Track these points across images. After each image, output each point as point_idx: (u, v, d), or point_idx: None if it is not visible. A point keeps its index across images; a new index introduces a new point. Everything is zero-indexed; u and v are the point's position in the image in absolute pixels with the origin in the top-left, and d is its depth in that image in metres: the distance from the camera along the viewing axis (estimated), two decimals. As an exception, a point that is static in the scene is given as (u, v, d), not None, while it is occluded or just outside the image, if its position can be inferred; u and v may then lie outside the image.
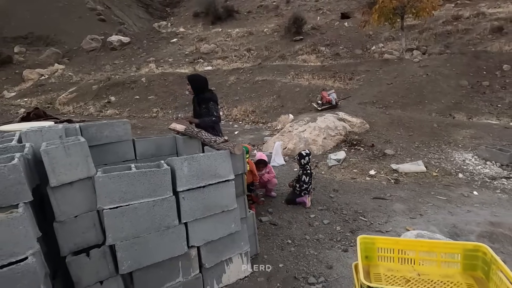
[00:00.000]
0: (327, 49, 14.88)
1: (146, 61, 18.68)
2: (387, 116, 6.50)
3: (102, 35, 23.26)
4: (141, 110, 13.34)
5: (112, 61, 20.35)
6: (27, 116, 3.07)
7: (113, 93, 15.35)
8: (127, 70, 18.41)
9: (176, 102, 13.29)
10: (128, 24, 28.78)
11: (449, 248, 1.49)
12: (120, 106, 14.05)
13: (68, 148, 1.50)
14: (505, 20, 12.78)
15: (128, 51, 21.57)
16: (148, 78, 15.81)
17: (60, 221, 1.52)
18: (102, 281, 1.63)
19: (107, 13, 29.08)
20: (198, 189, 1.86)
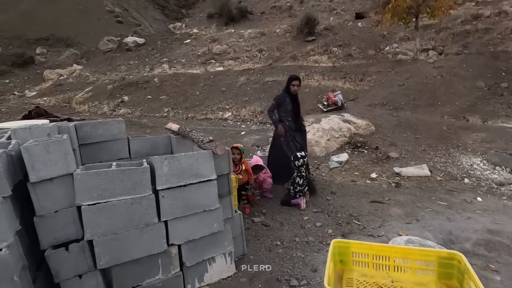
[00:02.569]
0: (339, 49, 14.67)
1: (160, 62, 19.05)
2: (394, 118, 6.34)
3: (118, 37, 23.93)
4: (153, 110, 13.61)
5: (127, 61, 20.89)
6: (28, 114, 3.21)
7: (127, 93, 15.76)
8: (141, 70, 18.84)
9: (187, 102, 13.48)
10: (144, 25, 29.45)
11: (424, 255, 1.44)
12: (133, 106, 14.40)
13: (48, 145, 1.56)
14: (529, 19, 12.22)
15: (142, 52, 22.08)
16: (160, 78, 16.12)
17: (40, 215, 1.58)
18: (81, 275, 1.68)
19: (124, 15, 29.87)
20: (178, 188, 1.88)
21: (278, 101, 3.66)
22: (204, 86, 14.35)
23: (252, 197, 3.52)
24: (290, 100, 3.59)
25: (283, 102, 3.63)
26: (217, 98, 12.95)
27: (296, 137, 3.61)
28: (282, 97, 3.65)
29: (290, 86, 3.59)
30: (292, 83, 3.57)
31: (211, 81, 14.56)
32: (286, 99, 3.60)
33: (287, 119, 3.62)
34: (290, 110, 3.60)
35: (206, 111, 12.30)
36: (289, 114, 3.62)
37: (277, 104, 3.69)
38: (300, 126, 3.75)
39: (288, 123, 3.62)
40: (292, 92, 3.57)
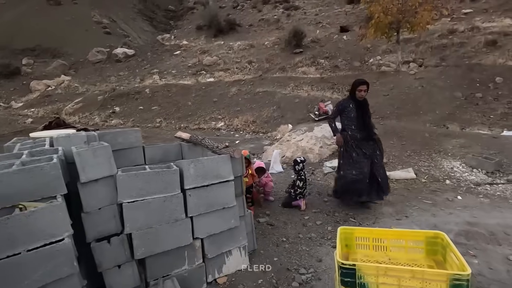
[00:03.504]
0: (326, 61, 15.30)
1: (150, 73, 19.21)
2: (381, 126, 6.79)
3: (107, 48, 23.96)
4: (145, 120, 13.72)
5: (117, 72, 20.94)
6: (49, 125, 3.39)
7: (118, 104, 15.81)
8: (131, 81, 18.93)
9: (179, 113, 13.68)
10: (132, 36, 29.54)
11: (414, 236, 1.76)
12: (125, 116, 14.46)
13: (95, 150, 1.80)
14: (499, 34, 13.18)
15: (132, 63, 22.19)
16: (152, 89, 16.28)
17: (87, 212, 1.81)
18: (120, 265, 1.90)
19: (112, 26, 29.90)
20: (202, 187, 2.14)
21: (338, 108, 3.44)
22: (196, 97, 14.61)
23: (257, 194, 3.77)
24: (354, 106, 3.31)
25: (345, 109, 3.36)
26: (209, 108, 13.22)
27: (362, 147, 3.30)
28: (344, 103, 3.39)
29: (356, 91, 3.29)
30: (358, 88, 3.26)
31: (203, 92, 14.85)
32: (350, 105, 3.33)
33: (350, 127, 3.36)
34: (354, 117, 3.31)
35: (199, 121, 12.53)
36: (353, 121, 3.33)
37: (337, 111, 3.46)
38: (369, 135, 3.35)
39: (351, 131, 3.35)
40: (358, 98, 3.29)
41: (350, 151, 3.37)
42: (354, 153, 3.35)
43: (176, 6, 36.45)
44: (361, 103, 3.35)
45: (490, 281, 2.17)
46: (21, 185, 1.52)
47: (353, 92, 3.35)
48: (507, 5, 16.77)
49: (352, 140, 3.38)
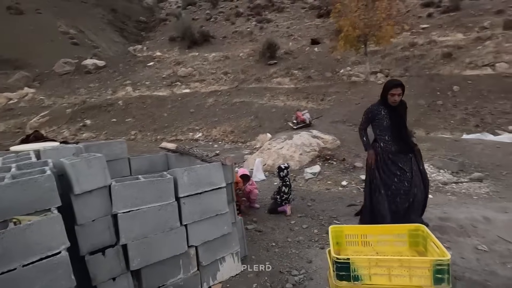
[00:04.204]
0: (300, 72, 15.85)
1: (123, 84, 18.74)
2: (356, 133, 7.13)
3: (76, 59, 23.08)
4: (119, 133, 13.30)
5: (87, 84, 20.18)
6: (26, 138, 3.23)
7: (89, 117, 15.22)
8: (102, 93, 18.34)
9: (155, 124, 13.44)
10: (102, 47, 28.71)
11: (397, 230, 1.92)
12: (97, 129, 13.94)
13: (89, 161, 1.79)
14: (453, 47, 14.46)
15: (103, 74, 21.52)
16: (125, 101, 15.88)
17: (81, 224, 1.77)
18: (115, 277, 1.87)
19: (80, 36, 28.89)
20: (196, 195, 2.18)
21: (367, 115, 2.92)
22: (172, 108, 14.46)
23: (239, 198, 3.81)
24: (387, 113, 2.78)
25: (375, 116, 2.85)
26: (186, 119, 13.13)
27: (398, 162, 2.78)
28: (374, 109, 2.87)
29: (389, 95, 2.73)
30: (391, 92, 2.71)
31: (179, 103, 14.74)
32: (380, 112, 2.81)
33: (383, 139, 2.85)
34: (387, 126, 2.79)
35: (176, 132, 12.39)
36: (386, 132, 2.82)
37: (367, 119, 2.94)
38: (406, 147, 2.81)
39: (384, 143, 2.84)
40: (391, 103, 2.74)
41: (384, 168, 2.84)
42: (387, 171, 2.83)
43: (148, 17, 36.04)
44: (395, 108, 2.77)
45: (464, 269, 2.37)
46: (15, 198, 1.48)
47: (385, 96, 2.77)
48: (458, 22, 18.48)
49: (385, 154, 2.85)
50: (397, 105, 2.77)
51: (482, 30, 16.40)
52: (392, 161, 2.83)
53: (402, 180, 2.81)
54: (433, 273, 1.50)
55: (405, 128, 2.86)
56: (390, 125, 2.81)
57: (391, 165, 2.83)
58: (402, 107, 2.86)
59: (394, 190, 2.83)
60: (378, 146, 2.93)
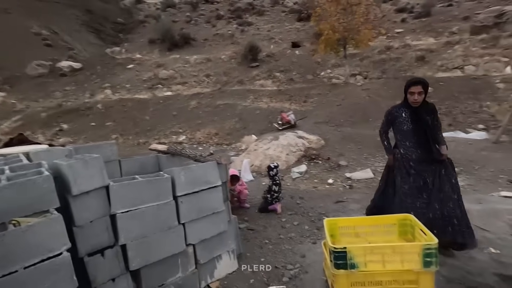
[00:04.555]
0: (282, 74, 16.08)
1: (101, 87, 18.23)
2: (339, 133, 7.38)
3: (50, 61, 22.18)
4: (99, 137, 12.91)
5: (62, 87, 19.44)
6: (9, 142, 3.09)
7: (66, 121, 14.68)
8: (80, 96, 17.74)
9: (137, 128, 13.17)
10: (78, 49, 27.72)
11: (387, 220, 2.04)
12: (75, 134, 13.46)
13: (87, 162, 1.77)
14: (426, 51, 15.22)
15: (80, 77, 20.81)
16: (104, 104, 15.45)
17: (79, 225, 1.75)
18: (114, 278, 1.85)
19: (54, 38, 27.77)
20: (193, 194, 2.20)
21: (387, 118, 2.64)
22: (154, 111, 14.22)
23: (232, 198, 3.84)
24: (408, 116, 2.47)
25: (395, 119, 2.54)
26: (169, 122, 12.96)
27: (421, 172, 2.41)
28: (394, 111, 2.57)
29: (408, 94, 2.46)
30: (410, 90, 2.43)
31: (161, 106, 14.52)
32: (402, 114, 2.50)
33: (404, 144, 2.51)
34: (408, 131, 2.47)
35: (158, 135, 12.19)
36: (407, 137, 2.48)
37: (386, 122, 2.67)
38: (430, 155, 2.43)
39: (404, 150, 2.50)
40: (411, 103, 2.43)
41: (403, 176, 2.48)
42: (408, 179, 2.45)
43: (126, 19, 35.20)
44: (418, 110, 2.45)
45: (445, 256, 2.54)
46: (13, 200, 1.45)
47: (405, 96, 2.50)
48: (430, 27, 19.50)
49: (405, 162, 2.49)
50: (419, 106, 2.43)
51: (451, 35, 17.40)
52: (414, 170, 2.44)
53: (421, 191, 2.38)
54: (423, 256, 1.62)
55: (432, 133, 2.44)
56: (411, 129, 2.45)
57: (413, 175, 2.43)
58: (427, 109, 2.48)
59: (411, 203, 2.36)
60: (398, 152, 2.58)
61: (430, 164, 2.41)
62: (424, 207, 2.28)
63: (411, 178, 2.43)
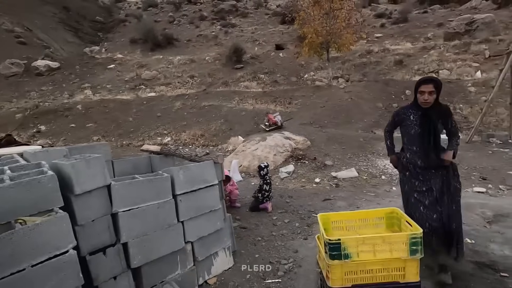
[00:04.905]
0: (266, 76, 16.26)
1: (81, 88, 17.69)
2: (324, 134, 7.60)
3: (24, 59, 21.26)
4: (79, 139, 12.52)
5: (38, 87, 18.70)
6: None
7: (43, 122, 14.15)
8: (58, 97, 17.13)
9: (120, 129, 12.88)
10: (54, 48, 26.68)
11: (376, 213, 2.19)
12: (53, 135, 12.98)
13: (89, 162, 1.79)
14: (404, 55, 15.89)
15: (57, 76, 20.09)
16: (84, 105, 15.00)
17: (81, 224, 1.76)
18: (116, 276, 1.88)
19: (28, 35, 26.60)
20: (191, 192, 2.25)
21: (394, 119, 2.46)
22: (137, 112, 13.96)
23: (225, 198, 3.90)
24: (417, 118, 2.26)
25: (403, 121, 2.34)
26: (154, 123, 12.77)
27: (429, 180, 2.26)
28: (402, 112, 2.37)
29: (418, 94, 2.24)
30: (420, 89, 2.23)
31: (145, 107, 14.27)
32: (409, 116, 2.29)
33: (411, 149, 2.32)
34: (415, 135, 2.27)
35: (142, 137, 11.99)
36: (415, 141, 2.29)
37: (392, 122, 2.50)
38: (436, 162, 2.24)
39: (410, 155, 2.32)
40: (421, 104, 2.22)
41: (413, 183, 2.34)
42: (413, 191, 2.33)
43: (105, 17, 34.26)
44: (428, 113, 2.22)
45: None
46: (18, 199, 1.45)
47: (416, 96, 2.29)
48: (407, 32, 20.36)
49: (411, 168, 2.34)
50: (430, 108, 2.20)
51: (427, 41, 18.26)
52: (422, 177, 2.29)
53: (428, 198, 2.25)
54: (409, 245, 1.77)
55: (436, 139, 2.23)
56: (419, 134, 2.25)
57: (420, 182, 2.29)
58: (440, 112, 2.24)
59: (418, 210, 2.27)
60: (404, 156, 2.41)
61: (437, 171, 2.25)
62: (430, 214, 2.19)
63: (418, 184, 2.30)
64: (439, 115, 2.24)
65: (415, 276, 1.82)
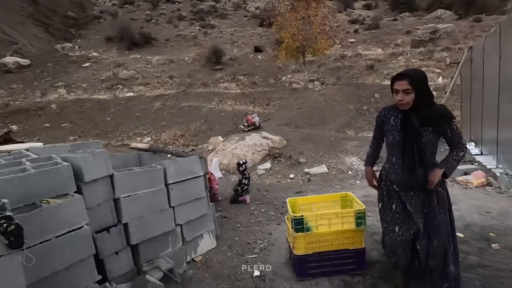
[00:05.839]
0: (245, 78, 16.68)
1: (54, 86, 17.24)
2: (299, 134, 8.15)
3: (-9, 56, 20.30)
4: (54, 139, 12.30)
5: (7, 85, 17.99)
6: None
7: (14, 121, 13.74)
8: (29, 95, 16.60)
9: (97, 129, 12.80)
10: (22, 44, 25.52)
11: (333, 197, 2.69)
12: (26, 135, 12.65)
13: (96, 155, 2.12)
14: (375, 60, 16.92)
15: (28, 74, 19.39)
16: (59, 104, 14.70)
17: (89, 207, 2.09)
18: (118, 252, 2.22)
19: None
20: (180, 182, 2.63)
21: (377, 122, 2.06)
22: (115, 112, 13.89)
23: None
24: (398, 121, 1.86)
25: (384, 125, 1.98)
26: (132, 123, 12.81)
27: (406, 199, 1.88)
28: (382, 114, 1.99)
29: (393, 94, 1.83)
30: (394, 87, 1.81)
31: (123, 107, 14.23)
32: (390, 120, 1.91)
33: (390, 160, 1.96)
34: (394, 143, 1.88)
35: (121, 137, 12.01)
36: (394, 150, 1.91)
37: (376, 127, 2.08)
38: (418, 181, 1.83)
39: (389, 167, 1.97)
40: (398, 105, 1.83)
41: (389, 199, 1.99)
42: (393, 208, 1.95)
43: (77, 13, 33.13)
44: (410, 116, 1.80)
45: (378, 229, 3.28)
46: (42, 184, 1.78)
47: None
48: (378, 38, 21.57)
49: (388, 183, 1.98)
50: (413, 110, 1.78)
51: (396, 47, 19.52)
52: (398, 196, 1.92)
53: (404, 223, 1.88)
54: (356, 219, 2.27)
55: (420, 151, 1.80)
56: (397, 141, 1.86)
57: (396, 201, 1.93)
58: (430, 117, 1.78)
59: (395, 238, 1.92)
60: (383, 169, 2.06)
61: (418, 193, 1.87)
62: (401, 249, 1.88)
63: (394, 204, 1.94)
64: (428, 120, 1.78)
65: (361, 243, 2.33)
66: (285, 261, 2.66)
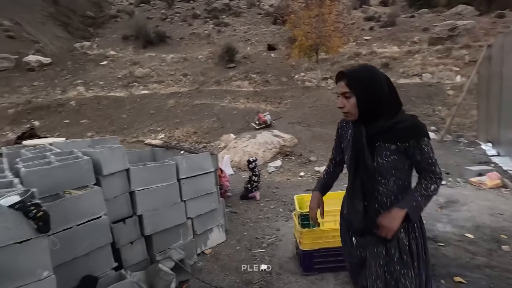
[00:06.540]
0: (258, 76, 16.73)
1: (73, 84, 17.82)
2: (310, 132, 8.17)
3: (15, 54, 21.14)
4: (73, 135, 12.77)
5: (30, 82, 18.71)
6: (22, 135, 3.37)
7: (37, 117, 14.32)
8: (50, 92, 17.24)
9: (113, 126, 13.20)
10: (43, 42, 26.43)
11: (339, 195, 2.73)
12: (47, 131, 13.17)
13: (113, 150, 2.26)
14: (390, 58, 16.61)
15: (49, 72, 20.10)
16: (78, 101, 15.22)
17: (107, 199, 2.23)
18: (133, 241, 2.36)
19: (16, 29, 26.30)
20: (192, 177, 2.74)
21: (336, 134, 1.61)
22: (130, 109, 14.26)
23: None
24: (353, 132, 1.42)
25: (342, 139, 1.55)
26: (147, 120, 13.12)
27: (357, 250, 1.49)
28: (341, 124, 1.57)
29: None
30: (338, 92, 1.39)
31: (138, 104, 14.59)
32: (347, 133, 1.49)
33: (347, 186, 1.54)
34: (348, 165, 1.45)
35: (136, 133, 12.34)
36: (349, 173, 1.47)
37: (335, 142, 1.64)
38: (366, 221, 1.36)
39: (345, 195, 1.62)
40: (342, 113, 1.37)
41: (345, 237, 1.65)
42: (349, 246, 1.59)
43: (96, 12, 34.00)
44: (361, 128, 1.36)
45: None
46: (65, 176, 1.92)
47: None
48: (394, 36, 21.11)
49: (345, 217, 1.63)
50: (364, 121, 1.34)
51: (413, 45, 19.07)
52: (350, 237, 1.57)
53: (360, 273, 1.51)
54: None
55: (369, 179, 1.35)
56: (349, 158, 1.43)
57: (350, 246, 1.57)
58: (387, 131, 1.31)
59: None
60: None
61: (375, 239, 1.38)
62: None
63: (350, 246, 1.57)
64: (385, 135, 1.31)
65: (366, 240, 2.37)
66: (291, 256, 2.74)
